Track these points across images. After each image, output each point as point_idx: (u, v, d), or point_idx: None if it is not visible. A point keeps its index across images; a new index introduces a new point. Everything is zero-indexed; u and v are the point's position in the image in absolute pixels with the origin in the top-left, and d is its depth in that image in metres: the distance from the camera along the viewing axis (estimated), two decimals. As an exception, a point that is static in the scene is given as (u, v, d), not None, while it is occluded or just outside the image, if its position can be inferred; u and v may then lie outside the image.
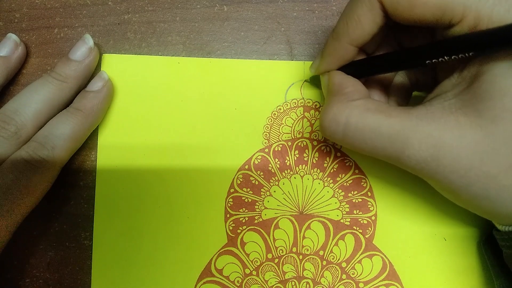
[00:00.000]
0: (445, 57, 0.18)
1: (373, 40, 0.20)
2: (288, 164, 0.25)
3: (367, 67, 0.21)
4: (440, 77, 0.21)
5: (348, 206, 0.25)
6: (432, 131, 0.17)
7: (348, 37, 0.20)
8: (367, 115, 0.19)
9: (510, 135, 0.16)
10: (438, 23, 0.18)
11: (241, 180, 0.25)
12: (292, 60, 0.26)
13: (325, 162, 0.25)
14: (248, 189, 0.25)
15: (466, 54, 0.17)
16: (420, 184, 0.25)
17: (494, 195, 0.17)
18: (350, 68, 0.22)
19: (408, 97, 0.23)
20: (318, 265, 0.24)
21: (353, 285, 0.24)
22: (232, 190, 0.25)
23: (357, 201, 0.25)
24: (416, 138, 0.17)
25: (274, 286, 0.24)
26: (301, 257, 0.24)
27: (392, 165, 0.23)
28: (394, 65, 0.20)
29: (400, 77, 0.23)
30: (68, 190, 0.25)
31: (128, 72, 0.26)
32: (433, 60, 0.18)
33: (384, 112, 0.18)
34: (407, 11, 0.18)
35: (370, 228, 0.24)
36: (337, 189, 0.25)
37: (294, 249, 0.24)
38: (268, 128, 0.25)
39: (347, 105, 0.19)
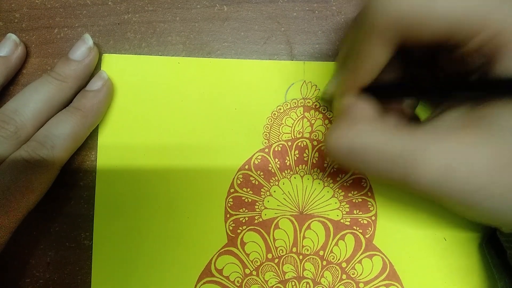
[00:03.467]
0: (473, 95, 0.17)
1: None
2: (288, 164, 0.25)
3: (386, 95, 0.21)
4: None
5: (348, 206, 0.25)
6: (441, 152, 0.17)
7: (363, 70, 0.19)
8: (372, 137, 0.18)
9: None
10: (449, 40, 0.17)
11: (241, 180, 0.25)
12: (292, 60, 0.26)
13: (325, 162, 0.25)
14: (248, 189, 0.25)
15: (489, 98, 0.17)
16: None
17: (506, 209, 0.17)
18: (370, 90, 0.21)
19: (416, 105, 0.23)
20: (318, 265, 0.24)
21: (353, 285, 0.24)
22: (232, 190, 0.25)
23: (357, 201, 0.25)
24: (423, 159, 0.17)
25: (274, 286, 0.24)
26: (301, 257, 0.24)
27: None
28: (411, 95, 0.20)
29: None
30: (68, 190, 0.25)
31: (128, 72, 0.26)
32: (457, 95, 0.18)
33: (389, 134, 0.18)
34: (420, 31, 0.17)
35: (370, 228, 0.24)
36: (337, 189, 0.25)
37: (294, 249, 0.24)
38: (268, 128, 0.25)
39: (352, 128, 0.19)
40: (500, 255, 0.22)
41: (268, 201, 0.25)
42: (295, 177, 0.25)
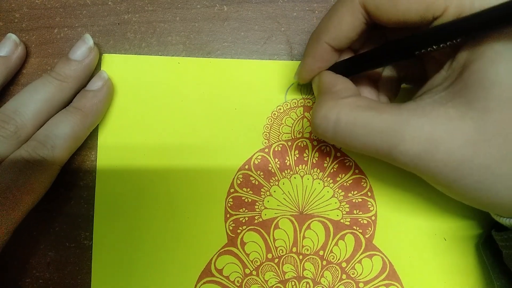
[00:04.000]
0: (433, 46, 0.17)
1: (358, 39, 0.20)
2: (288, 164, 0.25)
3: (355, 65, 0.21)
4: (428, 68, 0.21)
5: (348, 206, 0.25)
6: (424, 126, 0.17)
7: (327, 37, 0.20)
8: (358, 112, 0.18)
9: (501, 124, 0.16)
10: (422, 20, 0.18)
11: (241, 180, 0.25)
12: (292, 60, 0.26)
13: (325, 162, 0.25)
14: (248, 189, 0.25)
15: (454, 41, 0.17)
16: (420, 184, 0.24)
17: (489, 185, 0.17)
18: (338, 68, 0.22)
19: (397, 90, 0.23)
20: (318, 265, 0.24)
21: (353, 285, 0.24)
22: (232, 190, 0.25)
23: (357, 201, 0.25)
24: (408, 133, 0.17)
25: (274, 286, 0.24)
26: (301, 257, 0.24)
27: (392, 165, 0.22)
28: (383, 59, 0.20)
29: (388, 71, 0.23)
30: (68, 190, 0.25)
31: (128, 72, 0.26)
32: (422, 51, 0.18)
33: (375, 109, 0.18)
34: (391, 11, 0.18)
35: (370, 228, 0.24)
36: (337, 189, 0.25)
37: (294, 249, 0.24)
38: (268, 128, 0.25)
39: (337, 102, 0.19)
40: (496, 256, 0.22)
41: (268, 201, 0.25)
42: (295, 177, 0.25)
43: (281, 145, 0.25)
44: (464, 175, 0.17)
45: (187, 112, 0.25)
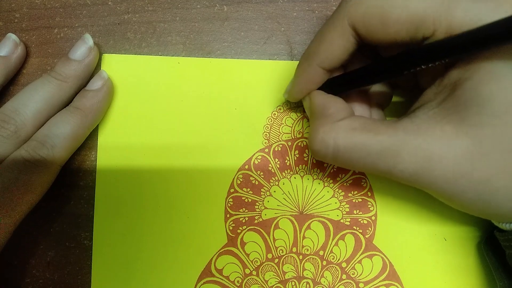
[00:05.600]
0: (422, 66, 0.17)
1: (349, 59, 0.20)
2: (288, 164, 0.25)
3: (345, 83, 0.21)
4: (420, 78, 0.21)
5: (348, 206, 0.25)
6: (420, 144, 0.17)
7: (319, 59, 0.20)
8: (354, 135, 0.19)
9: (498, 139, 0.16)
10: (412, 40, 0.18)
11: (241, 180, 0.25)
12: (292, 60, 0.26)
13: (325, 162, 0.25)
14: (248, 189, 0.25)
15: (442, 61, 0.17)
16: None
17: (489, 198, 0.17)
18: (328, 86, 0.21)
19: (389, 100, 0.23)
20: (318, 265, 0.24)
21: (353, 285, 0.24)
22: (232, 190, 0.25)
23: (357, 201, 0.25)
24: (406, 152, 0.17)
25: (274, 286, 0.24)
26: (301, 257, 0.24)
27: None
28: (372, 78, 0.20)
29: (378, 84, 0.23)
30: (68, 190, 0.25)
31: (128, 72, 0.26)
32: (411, 70, 0.18)
33: (371, 130, 0.19)
34: (381, 32, 0.18)
35: (370, 228, 0.24)
36: (337, 189, 0.25)
37: (294, 249, 0.24)
38: (268, 128, 0.25)
39: (332, 127, 0.19)
40: (498, 256, 0.22)
41: (268, 201, 0.25)
42: (295, 177, 0.25)
43: (281, 145, 0.25)
44: (464, 189, 0.17)
45: (187, 112, 0.25)
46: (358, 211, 0.25)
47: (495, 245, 0.22)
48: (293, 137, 0.25)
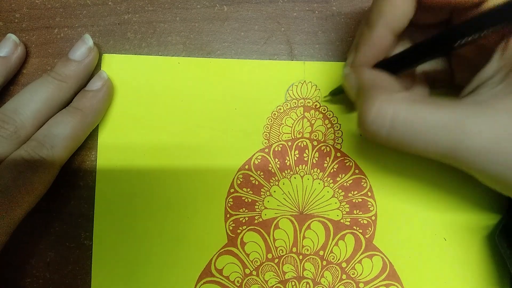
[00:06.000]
0: (480, 33, 0.16)
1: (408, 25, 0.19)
2: (288, 164, 0.25)
3: (401, 61, 0.20)
4: (456, 72, 0.20)
5: (348, 206, 0.25)
6: (489, 119, 0.16)
7: (385, 23, 0.18)
8: (417, 107, 0.17)
9: None
10: (467, 3, 0.17)
11: (241, 180, 0.25)
12: (292, 60, 0.26)
13: (325, 162, 0.25)
14: (248, 189, 0.25)
15: (501, 26, 0.16)
16: (420, 184, 0.25)
17: None
18: (379, 66, 0.20)
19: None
20: (318, 265, 0.24)
21: (353, 285, 0.24)
22: (232, 190, 0.25)
23: (357, 201, 0.25)
24: (474, 127, 0.16)
25: (274, 286, 0.24)
26: (301, 257, 0.24)
27: (392, 165, 0.22)
28: (429, 52, 0.19)
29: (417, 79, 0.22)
30: (68, 190, 0.25)
31: (128, 72, 0.26)
32: (469, 38, 0.17)
33: (433, 104, 0.17)
34: None
35: (370, 228, 0.24)
36: (337, 189, 0.25)
37: (294, 249, 0.24)
38: (268, 128, 0.25)
39: (391, 96, 0.17)
40: None
41: (268, 201, 0.25)
42: (295, 177, 0.25)
43: (281, 145, 0.25)
44: None
45: (187, 112, 0.25)
46: (358, 211, 0.25)
47: (510, 236, 0.21)
48: (293, 137, 0.25)
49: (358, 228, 0.24)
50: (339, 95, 0.24)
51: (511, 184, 0.17)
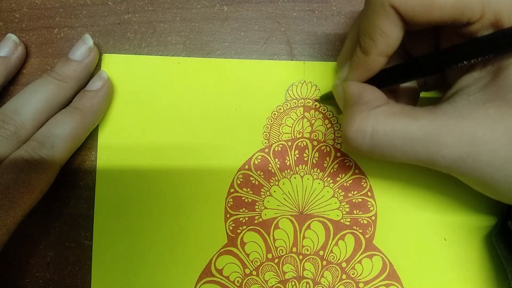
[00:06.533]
0: (471, 60, 0.17)
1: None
2: (288, 164, 0.25)
3: (386, 78, 0.21)
4: (449, 75, 0.21)
5: (348, 206, 0.25)
6: (465, 128, 0.17)
7: (377, 50, 0.19)
8: (394, 120, 0.18)
9: None
10: (455, 23, 0.17)
11: (241, 180, 0.25)
12: (292, 60, 0.26)
13: (325, 162, 0.25)
14: (248, 189, 0.25)
15: (490, 56, 0.16)
16: (421, 183, 0.25)
17: None
18: (368, 80, 0.21)
19: (417, 99, 0.23)
20: (318, 265, 0.24)
21: (353, 285, 0.24)
22: (232, 190, 0.25)
23: (357, 201, 0.25)
24: (450, 137, 0.17)
25: (274, 286, 0.24)
26: (301, 257, 0.24)
27: (392, 165, 0.22)
28: (416, 73, 0.20)
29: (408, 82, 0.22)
30: (68, 190, 0.25)
31: (128, 72, 0.26)
32: (459, 64, 0.17)
33: (411, 115, 0.18)
34: (424, 15, 0.17)
35: (370, 228, 0.24)
36: (337, 189, 0.25)
37: (294, 249, 0.24)
38: (268, 128, 0.25)
39: (370, 113, 0.19)
40: (510, 248, 0.21)
41: (268, 201, 0.25)
42: (295, 177, 0.25)
43: (281, 145, 0.25)
44: (509, 173, 0.17)
45: (187, 112, 0.25)
46: (358, 211, 0.25)
47: (507, 237, 0.21)
48: (293, 137, 0.25)
49: (358, 228, 0.24)
50: (329, 101, 0.25)
51: (493, 188, 0.18)
